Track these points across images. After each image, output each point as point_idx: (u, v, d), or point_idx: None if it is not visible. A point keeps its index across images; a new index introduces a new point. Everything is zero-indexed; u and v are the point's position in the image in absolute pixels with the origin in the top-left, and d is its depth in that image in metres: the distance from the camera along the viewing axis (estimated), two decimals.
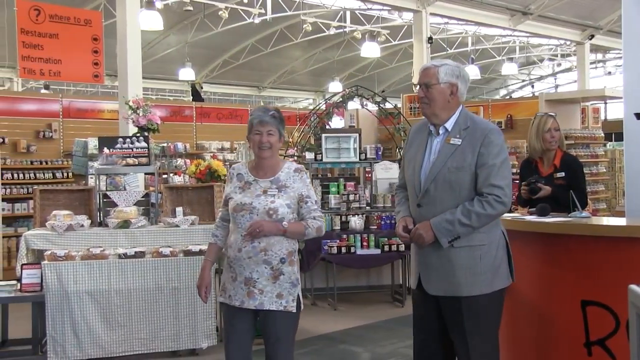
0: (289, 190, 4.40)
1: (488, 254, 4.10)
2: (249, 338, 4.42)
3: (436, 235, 4.03)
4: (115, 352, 6.82)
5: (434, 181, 4.10)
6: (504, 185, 4.02)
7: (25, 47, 10.74)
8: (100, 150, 8.14)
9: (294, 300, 4.34)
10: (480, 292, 4.06)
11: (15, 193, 12.62)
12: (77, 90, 26.54)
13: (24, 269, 6.97)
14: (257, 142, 4.40)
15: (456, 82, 4.17)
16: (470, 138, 4.09)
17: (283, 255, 4.33)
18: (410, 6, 17.76)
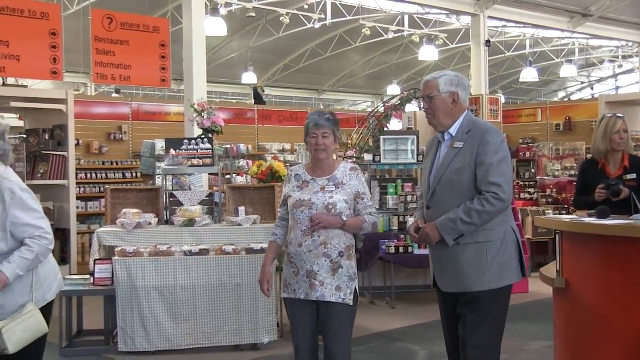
0: (346, 187, 4.53)
1: (494, 250, 4.16)
2: (313, 330, 4.54)
3: (441, 234, 4.13)
4: (180, 345, 6.95)
5: (439, 183, 4.25)
6: (501, 183, 4.08)
7: (99, 53, 10.99)
8: (167, 152, 8.28)
9: (351, 293, 4.46)
10: (487, 287, 4.14)
11: (88, 192, 12.92)
12: (145, 94, 26.97)
13: (97, 264, 7.16)
14: (313, 144, 4.55)
15: (456, 90, 4.29)
16: (470, 140, 4.20)
17: (341, 249, 4.46)
18: (469, 10, 17.60)
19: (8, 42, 10.06)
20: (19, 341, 4.05)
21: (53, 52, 10.50)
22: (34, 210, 4.19)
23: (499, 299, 4.22)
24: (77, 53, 15.84)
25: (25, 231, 4.12)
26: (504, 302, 4.27)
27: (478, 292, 4.14)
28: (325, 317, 4.46)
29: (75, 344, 7.28)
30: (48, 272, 4.31)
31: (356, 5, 22.30)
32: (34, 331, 4.14)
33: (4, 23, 10.03)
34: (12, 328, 4.03)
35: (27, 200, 4.18)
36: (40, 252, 4.13)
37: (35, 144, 11.46)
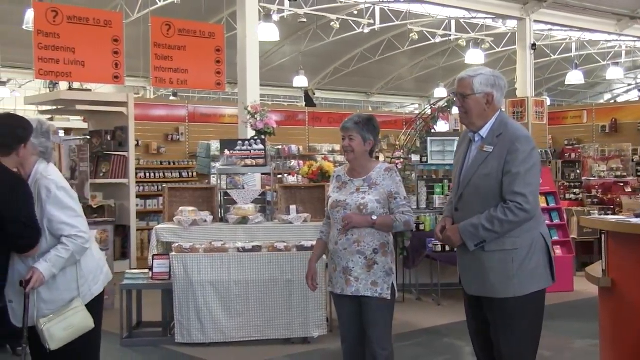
0: (379, 188, 4.56)
1: (520, 258, 3.95)
2: (356, 322, 4.57)
3: (463, 239, 3.98)
4: (234, 337, 7.00)
5: (467, 186, 4.07)
6: (527, 193, 3.87)
7: (158, 58, 11.15)
8: (222, 152, 8.36)
9: (388, 288, 4.50)
10: (513, 294, 3.95)
11: (147, 191, 13.10)
12: (201, 97, 27.24)
13: (155, 259, 7.26)
14: (342, 146, 4.70)
15: (491, 91, 4.07)
16: (500, 145, 3.98)
17: (375, 247, 4.51)
18: (515, 14, 17.39)
19: (74, 49, 10.27)
20: (60, 339, 4.00)
21: (115, 57, 10.69)
22: (69, 209, 4.09)
23: (528, 307, 4.02)
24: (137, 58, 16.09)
25: (60, 229, 4.04)
26: (534, 309, 4.07)
27: (504, 299, 3.96)
28: (365, 311, 4.52)
29: (134, 334, 7.39)
30: (92, 267, 4.23)
31: (404, 11, 22.23)
32: (76, 329, 4.06)
33: (71, 31, 10.25)
34: (54, 326, 3.98)
35: (63, 198, 4.08)
36: (76, 251, 4.05)
37: (98, 145, 11.67)
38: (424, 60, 29.24)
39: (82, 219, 4.18)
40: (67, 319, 4.02)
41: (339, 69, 28.93)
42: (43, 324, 3.97)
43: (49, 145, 4.21)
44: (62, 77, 10.97)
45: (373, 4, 21.52)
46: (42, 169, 4.12)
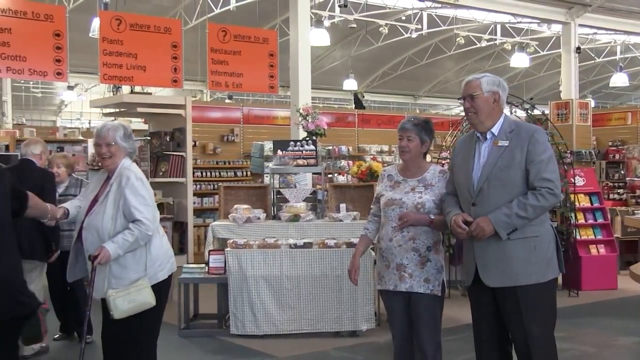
0: (435, 189, 4.52)
1: (541, 245, 4.04)
2: (406, 317, 4.55)
3: (495, 228, 3.95)
4: (286, 330, 7.02)
5: (486, 180, 4.05)
6: (554, 179, 3.98)
7: (214, 63, 11.24)
8: (275, 152, 8.38)
9: (439, 285, 4.47)
10: (535, 281, 4.00)
11: (203, 189, 13.23)
12: (255, 100, 27.45)
13: (211, 254, 7.32)
14: (398, 146, 4.66)
15: (498, 90, 4.16)
16: (517, 139, 4.06)
17: (429, 244, 4.49)
18: (560, 18, 17.09)
19: (136, 55, 10.42)
20: (123, 310, 4.30)
21: (174, 62, 10.80)
22: (141, 196, 4.44)
23: (548, 293, 4.12)
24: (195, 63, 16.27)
25: (131, 213, 4.37)
26: (552, 295, 4.18)
27: (530, 287, 3.99)
28: (416, 306, 4.48)
29: (191, 326, 7.46)
30: (160, 254, 4.51)
31: (451, 16, 22.08)
32: (138, 304, 4.34)
33: (133, 38, 10.39)
34: (119, 297, 4.31)
35: (138, 187, 4.44)
36: (140, 237, 4.35)
37: (158, 145, 11.81)
38: (470, 63, 28.98)
39: (151, 207, 4.50)
40: (131, 294, 4.34)
41: (387, 72, 28.86)
42: (110, 295, 4.33)
43: (135, 146, 4.76)
44: (125, 81, 11.12)
45: (421, 10, 21.41)
46: (126, 164, 4.56)
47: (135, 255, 4.42)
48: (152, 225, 4.42)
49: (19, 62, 9.57)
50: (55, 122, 28.83)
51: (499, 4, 16.12)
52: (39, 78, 10.23)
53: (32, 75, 9.92)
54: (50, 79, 10.27)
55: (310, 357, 6.44)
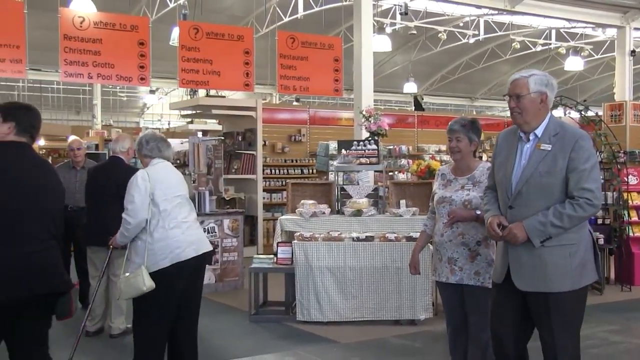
0: (482, 185, 4.42)
1: (577, 253, 3.72)
2: (459, 308, 4.51)
3: (529, 235, 3.67)
4: (348, 317, 7.02)
5: (525, 184, 3.74)
6: (594, 189, 3.65)
7: (283, 68, 11.32)
8: (339, 152, 8.39)
9: (489, 277, 4.35)
10: (570, 288, 3.70)
11: (272, 185, 13.33)
12: (320, 102, 27.54)
13: (279, 246, 7.37)
14: (449, 147, 4.60)
15: (545, 90, 3.80)
16: (560, 144, 3.71)
17: (479, 239, 4.42)
18: (614, 22, 16.59)
19: (211, 61, 10.57)
20: (124, 292, 4.62)
21: (246, 67, 10.92)
22: (130, 195, 4.70)
23: (580, 299, 3.81)
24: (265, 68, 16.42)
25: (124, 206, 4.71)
26: (583, 302, 3.85)
27: (563, 294, 3.70)
28: (467, 298, 4.44)
29: (261, 312, 7.53)
30: (162, 246, 4.62)
31: (507, 22, 21.70)
32: (134, 288, 4.55)
33: (209, 45, 10.55)
34: (123, 282, 4.62)
35: (132, 186, 4.72)
36: (124, 229, 4.69)
37: (231, 145, 11.98)
38: (525, 67, 28.33)
39: (136, 205, 4.66)
40: (129, 279, 4.59)
41: (445, 76, 28.60)
42: (120, 279, 4.69)
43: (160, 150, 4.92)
44: (201, 85, 11.31)
45: (478, 17, 21.12)
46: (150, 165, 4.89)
47: (136, 246, 4.70)
48: (132, 221, 4.63)
49: (108, 69, 9.83)
50: (139, 124, 29.55)
51: (554, 10, 15.75)
52: (125, 83, 10.47)
53: (119, 80, 10.18)
54: (134, 84, 10.50)
55: (371, 343, 6.43)
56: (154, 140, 4.94)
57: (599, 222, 8.88)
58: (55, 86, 27.25)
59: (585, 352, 6.14)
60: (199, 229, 4.94)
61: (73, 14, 9.81)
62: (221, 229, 8.86)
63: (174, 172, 4.98)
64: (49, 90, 27.42)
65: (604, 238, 8.61)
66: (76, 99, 28.14)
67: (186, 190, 4.98)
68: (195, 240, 4.77)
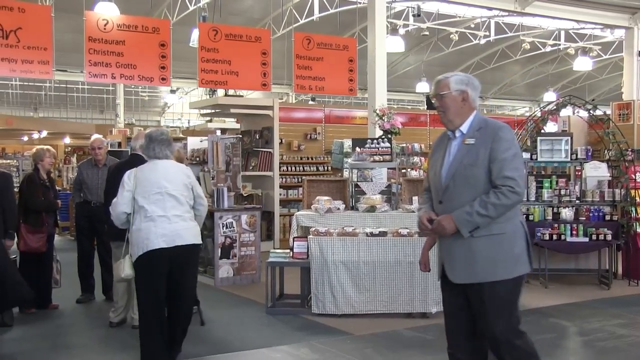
0: None
1: (507, 242, 3.70)
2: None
3: (457, 226, 3.64)
4: (362, 310, 7.02)
5: (452, 178, 3.74)
6: (516, 177, 3.62)
7: (299, 68, 11.32)
8: (353, 149, 8.38)
9: None
10: (501, 277, 3.67)
11: (289, 182, 13.33)
12: (335, 101, 27.53)
13: (295, 240, 7.37)
14: None
15: (466, 89, 3.84)
16: (483, 137, 3.72)
17: None
18: (623, 24, 16.44)
19: (230, 61, 10.60)
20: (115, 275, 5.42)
21: (263, 68, 10.93)
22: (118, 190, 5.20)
23: (515, 289, 3.76)
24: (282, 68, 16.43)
25: None
26: (517, 292, 3.80)
27: (496, 283, 3.66)
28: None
29: (277, 305, 7.53)
30: (137, 237, 5.07)
31: (517, 23, 21.58)
32: (117, 274, 5.33)
33: (228, 46, 10.58)
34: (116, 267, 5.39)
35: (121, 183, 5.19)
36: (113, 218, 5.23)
37: (249, 142, 12.00)
38: (535, 67, 28.32)
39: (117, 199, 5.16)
40: (116, 267, 5.38)
41: None
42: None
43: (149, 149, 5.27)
44: (220, 85, 11.33)
45: (489, 18, 21.03)
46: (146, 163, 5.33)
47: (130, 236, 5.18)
48: (112, 213, 5.19)
49: (130, 69, 9.88)
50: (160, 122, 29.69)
51: (563, 11, 15.64)
52: (146, 83, 10.53)
53: (141, 80, 10.23)
54: (155, 84, 10.56)
55: (384, 335, 6.42)
56: (150, 142, 5.28)
57: (607, 219, 8.82)
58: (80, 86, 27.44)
59: (593, 345, 6.12)
60: (179, 223, 5.12)
61: (97, 17, 9.87)
62: (239, 224, 8.88)
63: (162, 171, 5.19)
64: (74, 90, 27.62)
65: (612, 234, 8.54)
66: (100, 98, 28.33)
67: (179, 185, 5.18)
68: (167, 233, 5.03)
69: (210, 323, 6.74)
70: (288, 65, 12.75)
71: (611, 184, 9.39)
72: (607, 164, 9.65)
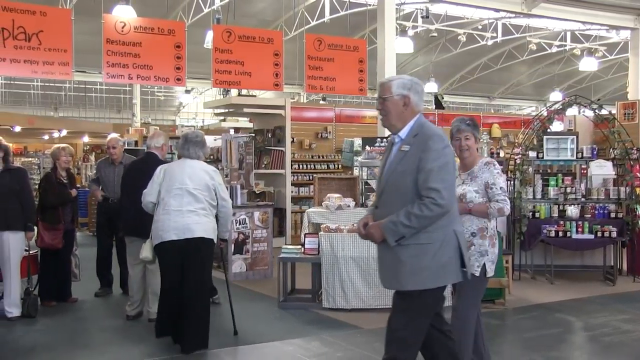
0: (478, 180, 4.47)
1: (434, 252, 3.54)
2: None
3: (384, 234, 3.55)
4: (371, 304, 7.00)
5: (386, 185, 3.66)
6: (440, 188, 3.45)
7: (310, 69, 11.32)
8: (363, 148, 8.39)
9: (479, 266, 4.38)
10: (422, 287, 3.54)
11: (300, 180, 13.34)
12: (346, 101, 27.50)
13: (306, 237, 7.36)
14: (457, 146, 4.55)
15: (408, 93, 3.66)
16: (417, 144, 3.57)
17: (474, 230, 4.44)
18: (628, 25, 16.31)
19: (243, 62, 10.61)
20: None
21: (275, 68, 10.94)
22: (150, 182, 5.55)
23: (434, 298, 3.65)
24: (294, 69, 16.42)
25: None
26: (437, 300, 3.71)
27: (415, 291, 3.55)
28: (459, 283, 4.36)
29: (289, 299, 7.54)
30: (156, 227, 5.45)
31: (524, 25, 21.47)
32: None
33: (241, 47, 10.59)
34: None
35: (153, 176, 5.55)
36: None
37: (261, 141, 12.02)
38: (541, 68, 28.17)
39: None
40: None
41: (464, 76, 28.39)
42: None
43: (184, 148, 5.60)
44: (233, 85, 11.35)
45: (496, 20, 20.94)
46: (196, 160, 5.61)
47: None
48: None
49: (147, 70, 9.91)
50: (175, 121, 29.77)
51: (569, 13, 15.53)
52: (162, 83, 10.56)
53: (157, 81, 10.26)
54: (171, 84, 10.58)
55: None
56: (186, 143, 5.59)
57: (612, 216, 8.77)
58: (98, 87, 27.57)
59: (598, 339, 6.09)
60: (191, 217, 5.36)
61: (115, 19, 9.91)
62: (252, 220, 8.89)
63: (188, 170, 5.48)
64: (92, 91, 27.75)
65: (617, 231, 8.49)
66: (117, 98, 28.45)
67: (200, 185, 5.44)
68: (179, 226, 5.33)
69: (223, 316, 6.76)
70: (300, 66, 12.74)
71: (616, 182, 9.33)
72: (612, 163, 9.59)
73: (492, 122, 21.39)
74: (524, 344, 5.99)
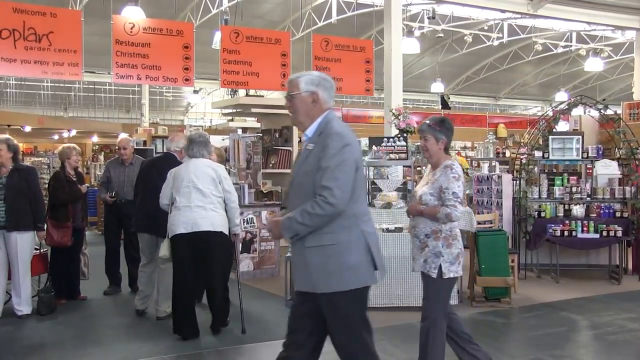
0: (435, 182, 4.44)
1: (339, 254, 3.40)
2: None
3: (281, 230, 3.44)
4: (378, 303, 6.99)
5: (292, 184, 3.58)
6: (333, 187, 3.30)
7: (318, 69, 11.26)
8: (370, 148, 8.36)
9: (435, 268, 4.37)
10: (336, 289, 3.40)
11: None
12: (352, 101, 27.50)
13: None
14: (420, 147, 4.64)
15: (316, 90, 3.53)
16: (319, 143, 3.44)
17: (427, 232, 4.44)
18: (633, 25, 16.24)
19: (251, 63, 10.62)
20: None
21: (283, 69, 10.94)
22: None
23: (355, 301, 3.47)
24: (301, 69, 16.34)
25: None
26: (359, 303, 3.51)
27: (331, 295, 3.41)
28: (423, 284, 4.52)
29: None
30: (168, 226, 5.76)
31: (529, 25, 21.42)
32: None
33: (249, 48, 10.60)
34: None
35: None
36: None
37: (269, 141, 12.02)
38: (547, 68, 28.09)
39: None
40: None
41: (470, 76, 28.33)
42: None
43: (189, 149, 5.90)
44: (241, 86, 11.36)
45: (502, 20, 20.89)
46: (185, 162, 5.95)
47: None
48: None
49: (155, 70, 9.93)
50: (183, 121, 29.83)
51: (575, 14, 15.48)
52: (171, 84, 10.57)
53: (165, 81, 10.28)
54: (179, 85, 10.60)
55: (399, 328, 6.41)
56: (190, 143, 5.89)
57: (617, 216, 8.73)
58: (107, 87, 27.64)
59: (604, 338, 6.07)
60: (199, 212, 5.66)
61: (124, 20, 9.93)
62: (259, 219, 8.90)
63: (193, 168, 5.76)
64: (102, 91, 27.83)
65: (622, 230, 8.45)
66: (126, 98, 28.53)
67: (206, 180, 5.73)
68: (187, 221, 5.64)
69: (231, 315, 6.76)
70: (307, 67, 12.74)
71: (621, 181, 9.29)
72: (617, 162, 9.54)
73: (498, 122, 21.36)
74: (529, 342, 5.97)
